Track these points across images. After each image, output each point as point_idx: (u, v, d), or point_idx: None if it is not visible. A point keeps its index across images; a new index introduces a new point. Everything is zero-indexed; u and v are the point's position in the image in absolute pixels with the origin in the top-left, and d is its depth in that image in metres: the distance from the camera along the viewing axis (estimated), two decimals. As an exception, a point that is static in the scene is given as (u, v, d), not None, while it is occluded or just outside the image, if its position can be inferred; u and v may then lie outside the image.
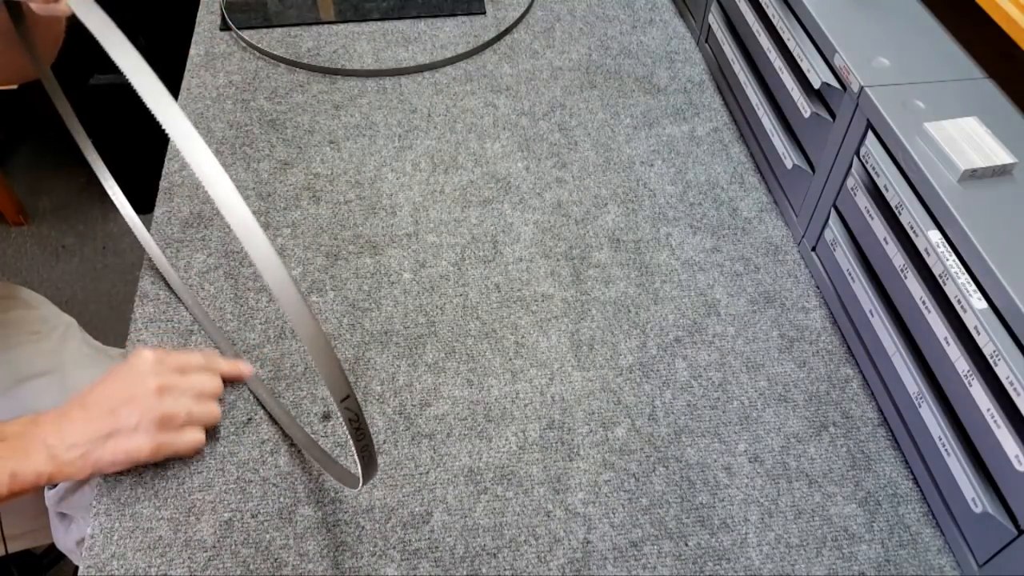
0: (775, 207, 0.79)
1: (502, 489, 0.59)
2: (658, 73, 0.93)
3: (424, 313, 0.69)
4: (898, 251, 0.58)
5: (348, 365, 0.65)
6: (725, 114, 0.88)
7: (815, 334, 0.69)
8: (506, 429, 0.62)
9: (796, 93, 0.70)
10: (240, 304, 0.70)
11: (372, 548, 0.56)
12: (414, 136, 0.85)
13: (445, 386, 0.64)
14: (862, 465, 0.60)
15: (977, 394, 0.50)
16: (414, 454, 0.60)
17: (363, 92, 0.90)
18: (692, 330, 0.69)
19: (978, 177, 0.54)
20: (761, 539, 0.56)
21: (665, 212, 0.78)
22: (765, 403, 0.64)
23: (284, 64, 0.93)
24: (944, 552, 0.56)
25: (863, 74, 0.61)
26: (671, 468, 0.60)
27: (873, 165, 0.60)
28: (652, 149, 0.84)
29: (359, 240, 0.75)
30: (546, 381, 0.65)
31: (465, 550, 0.56)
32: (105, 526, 0.56)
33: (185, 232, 0.75)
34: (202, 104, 0.88)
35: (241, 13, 1.00)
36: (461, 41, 0.97)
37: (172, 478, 0.58)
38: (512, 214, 0.78)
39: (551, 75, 0.93)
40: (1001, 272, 0.48)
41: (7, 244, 1.80)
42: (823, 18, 0.67)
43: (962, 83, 0.61)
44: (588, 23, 1.00)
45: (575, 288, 0.71)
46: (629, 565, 0.55)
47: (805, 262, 0.74)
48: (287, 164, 0.82)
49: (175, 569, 0.54)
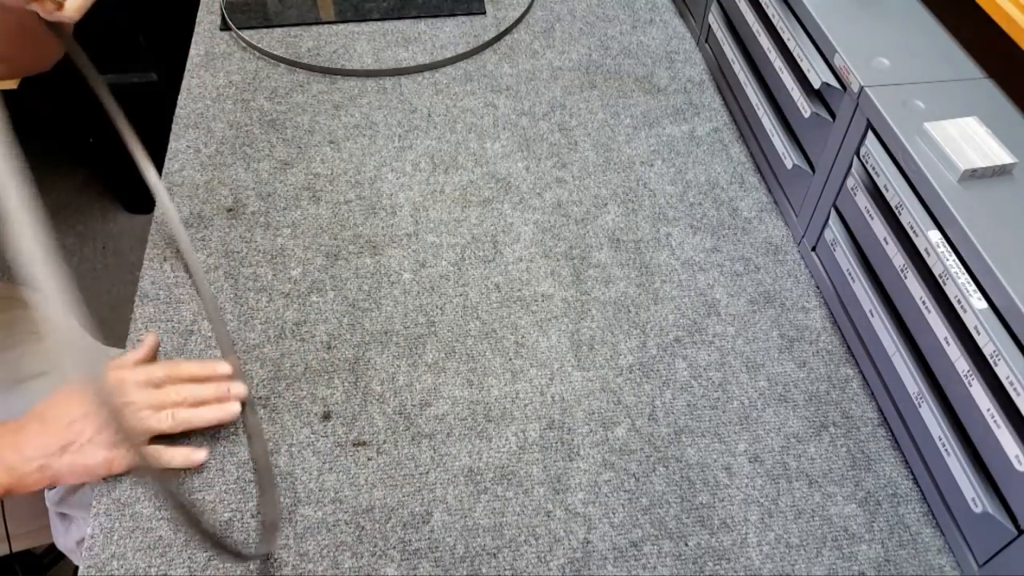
0: (775, 207, 0.79)
1: (502, 489, 0.59)
2: (658, 73, 0.93)
3: (424, 313, 0.69)
4: (898, 251, 0.58)
5: (348, 365, 0.65)
6: (725, 114, 0.88)
7: (815, 334, 0.69)
8: (506, 429, 0.62)
9: (796, 93, 0.70)
10: (240, 304, 0.70)
11: (372, 548, 0.56)
12: (414, 136, 0.85)
13: (445, 386, 0.64)
14: (862, 465, 0.60)
15: (977, 394, 0.50)
16: (414, 454, 0.60)
17: (363, 92, 0.90)
18: (692, 330, 0.69)
19: (978, 177, 0.54)
20: (761, 539, 0.56)
21: (665, 212, 0.78)
22: (765, 403, 0.64)
23: (284, 64, 0.93)
24: (944, 552, 0.56)
25: (863, 74, 0.61)
26: (671, 468, 0.60)
27: (873, 165, 0.60)
28: (652, 149, 0.84)
29: (359, 240, 0.75)
30: (546, 381, 0.65)
31: (465, 550, 0.56)
32: (105, 526, 0.56)
33: (185, 232, 0.75)
34: (202, 104, 0.88)
35: (241, 13, 1.00)
36: (461, 41, 0.97)
37: (172, 478, 0.59)
38: (512, 214, 0.78)
39: (551, 75, 0.93)
40: (1001, 272, 0.48)
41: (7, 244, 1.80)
42: (823, 18, 0.67)
43: (962, 83, 0.61)
44: (588, 23, 1.00)
45: (575, 288, 0.71)
46: (629, 565, 0.55)
47: (805, 262, 0.74)
48: (287, 164, 0.82)
49: (175, 569, 0.54)
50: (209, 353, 0.66)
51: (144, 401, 0.59)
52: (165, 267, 0.72)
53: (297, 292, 0.71)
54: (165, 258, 0.73)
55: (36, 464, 0.55)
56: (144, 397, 0.59)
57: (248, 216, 0.77)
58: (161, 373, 0.61)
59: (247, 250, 0.74)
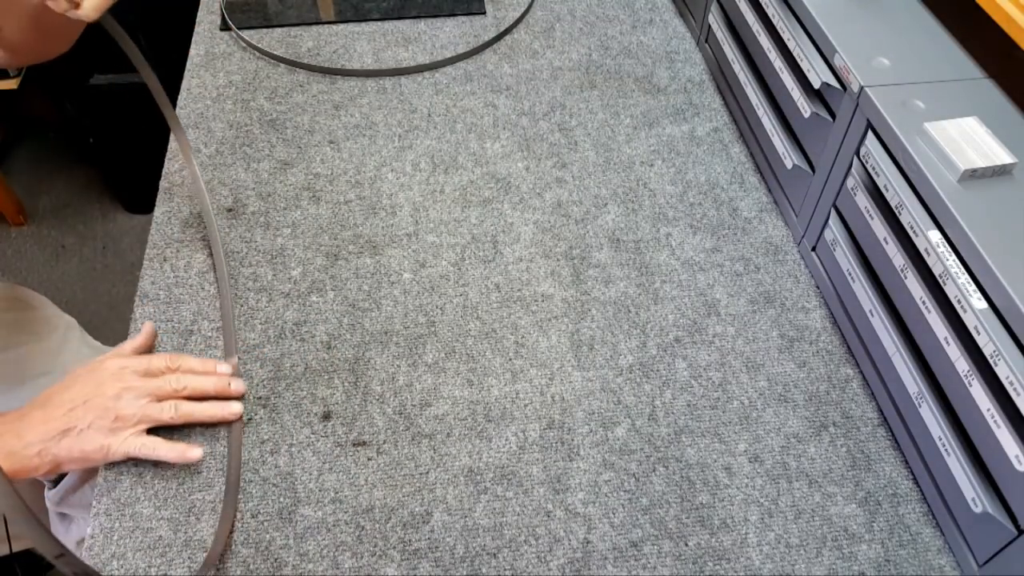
0: (775, 207, 0.79)
1: (502, 489, 0.59)
2: (658, 73, 0.93)
3: (424, 313, 0.69)
4: (898, 251, 0.58)
5: (348, 365, 0.65)
6: (725, 114, 0.88)
7: (815, 334, 0.69)
8: (506, 429, 0.62)
9: (796, 93, 0.70)
10: (240, 304, 0.70)
11: (372, 548, 0.56)
12: (414, 136, 0.85)
13: (445, 386, 0.64)
14: (862, 465, 0.60)
15: (977, 394, 0.50)
16: (414, 454, 0.60)
17: (363, 92, 0.90)
18: (692, 330, 0.69)
19: (978, 177, 0.54)
20: (761, 539, 0.56)
21: (665, 212, 0.78)
22: (765, 403, 0.64)
23: (284, 64, 0.93)
24: (944, 552, 0.56)
25: (863, 74, 0.61)
26: (671, 468, 0.60)
27: (873, 165, 0.60)
28: (652, 149, 0.84)
29: (359, 240, 0.75)
30: (546, 381, 0.65)
31: (465, 550, 0.56)
32: (105, 526, 0.56)
33: (185, 232, 0.75)
34: (202, 104, 0.88)
35: (241, 13, 1.00)
36: (461, 41, 0.97)
37: (172, 478, 0.59)
38: (512, 214, 0.78)
39: (551, 75, 0.93)
40: (1001, 272, 0.48)
41: (7, 244, 1.80)
42: (823, 18, 0.67)
43: (962, 83, 0.61)
44: (588, 23, 1.00)
45: (575, 288, 0.71)
46: (629, 565, 0.55)
47: (805, 262, 0.74)
48: (287, 164, 0.82)
49: (175, 569, 0.54)
50: (209, 353, 0.66)
51: (144, 389, 0.59)
52: (165, 267, 0.72)
53: (297, 292, 0.71)
54: (165, 258, 0.73)
55: (36, 449, 0.56)
56: (144, 384, 0.59)
57: (248, 216, 0.77)
58: (161, 363, 0.61)
59: (247, 250, 0.74)
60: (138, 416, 0.58)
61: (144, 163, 1.42)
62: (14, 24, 0.65)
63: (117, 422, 0.57)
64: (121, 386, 0.58)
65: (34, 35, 0.67)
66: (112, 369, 0.60)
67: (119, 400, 0.58)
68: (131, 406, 0.58)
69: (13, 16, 0.64)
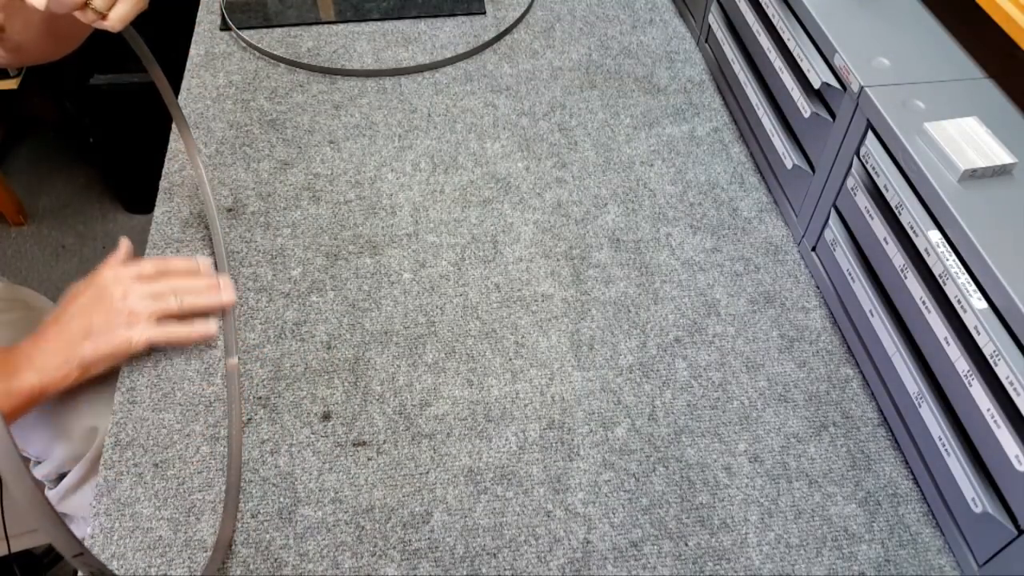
0: (775, 207, 0.79)
1: (502, 489, 0.59)
2: (658, 73, 0.93)
3: (424, 313, 0.69)
4: (898, 251, 0.58)
5: (348, 365, 0.65)
6: (725, 114, 0.88)
7: (815, 334, 0.69)
8: (506, 429, 0.62)
9: (796, 93, 0.70)
10: (240, 304, 0.70)
11: (372, 548, 0.56)
12: (414, 136, 0.85)
13: (445, 386, 0.64)
14: (862, 465, 0.60)
15: (977, 394, 0.50)
16: (414, 454, 0.60)
17: (363, 92, 0.90)
18: (692, 330, 0.69)
19: (978, 177, 0.54)
20: (761, 539, 0.56)
21: (665, 212, 0.78)
22: (765, 403, 0.64)
23: (284, 64, 0.93)
24: (944, 552, 0.56)
25: (863, 74, 0.61)
26: (671, 468, 0.60)
27: (873, 165, 0.60)
28: (652, 149, 0.84)
29: (359, 240, 0.75)
30: (546, 381, 0.65)
31: (465, 550, 0.56)
32: (105, 526, 0.56)
33: (185, 232, 0.75)
34: (202, 104, 0.88)
35: (241, 13, 1.00)
36: (461, 41, 0.97)
37: (172, 478, 0.59)
38: (512, 214, 0.78)
39: (551, 75, 0.93)
40: (1001, 272, 0.48)
41: (7, 244, 1.80)
42: (823, 18, 0.67)
43: (962, 83, 0.61)
44: (588, 23, 1.00)
45: (575, 288, 0.71)
46: (629, 565, 0.55)
47: (805, 262, 0.74)
48: (287, 164, 0.82)
49: (175, 569, 0.54)
50: (209, 353, 0.66)
51: (145, 289, 0.63)
52: (165, 267, 0.72)
53: (297, 292, 0.71)
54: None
55: (62, 357, 0.59)
56: (143, 287, 0.63)
57: (248, 216, 0.77)
58: (151, 268, 0.65)
59: (247, 250, 0.74)
60: (149, 309, 0.62)
61: (144, 163, 1.42)
62: (21, 25, 0.65)
63: (131, 317, 0.62)
64: (123, 288, 0.63)
65: (43, 37, 0.67)
66: (109, 277, 0.63)
67: (126, 299, 0.62)
68: (139, 303, 0.62)
69: (20, 17, 0.64)
